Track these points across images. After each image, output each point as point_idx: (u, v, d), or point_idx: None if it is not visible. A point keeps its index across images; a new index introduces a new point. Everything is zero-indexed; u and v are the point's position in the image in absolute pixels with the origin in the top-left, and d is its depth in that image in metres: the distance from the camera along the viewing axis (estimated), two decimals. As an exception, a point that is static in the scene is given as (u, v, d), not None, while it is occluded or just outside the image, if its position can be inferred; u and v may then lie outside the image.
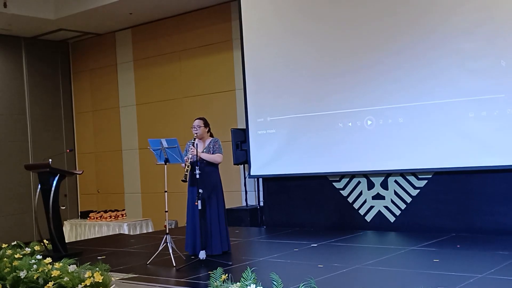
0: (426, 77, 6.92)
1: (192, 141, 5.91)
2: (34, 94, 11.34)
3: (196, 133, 6.01)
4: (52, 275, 5.10)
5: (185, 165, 5.78)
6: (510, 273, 4.49)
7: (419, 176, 7.19)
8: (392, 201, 7.41)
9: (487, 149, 6.52)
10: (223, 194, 6.15)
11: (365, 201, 7.63)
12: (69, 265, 5.21)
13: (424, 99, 6.93)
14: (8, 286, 5.46)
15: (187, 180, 5.79)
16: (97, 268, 4.94)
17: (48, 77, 11.63)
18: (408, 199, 7.29)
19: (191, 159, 5.81)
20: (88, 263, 5.16)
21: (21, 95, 11.18)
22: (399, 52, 7.13)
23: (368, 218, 7.60)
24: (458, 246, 5.95)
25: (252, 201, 9.08)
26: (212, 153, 6.01)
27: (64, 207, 7.13)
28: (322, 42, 7.79)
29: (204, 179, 5.80)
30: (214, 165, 6.07)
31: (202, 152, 5.96)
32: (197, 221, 5.80)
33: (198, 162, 5.69)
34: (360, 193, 7.68)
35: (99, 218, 9.91)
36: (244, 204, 9.01)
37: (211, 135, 6.22)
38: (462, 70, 6.67)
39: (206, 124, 6.14)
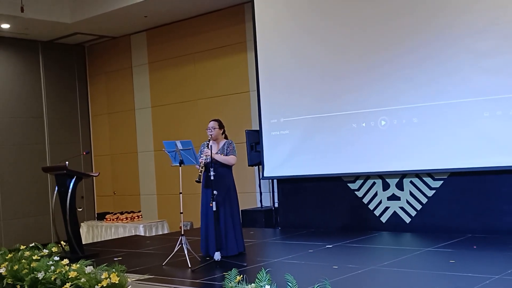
0: (440, 76, 6.88)
1: (207, 142, 5.94)
2: (51, 97, 11.47)
3: (211, 135, 6.03)
4: (69, 276, 5.16)
5: (199, 166, 5.81)
6: (527, 274, 4.45)
7: (435, 177, 7.15)
8: (408, 202, 7.37)
9: (502, 149, 6.46)
10: (237, 196, 6.17)
11: (380, 202, 7.61)
12: (86, 266, 5.26)
13: (439, 99, 6.89)
14: (26, 287, 5.53)
15: (201, 181, 5.81)
16: (114, 269, 4.98)
17: (65, 80, 11.75)
18: (424, 200, 7.25)
19: (205, 160, 5.83)
20: (105, 264, 5.21)
21: (39, 98, 11.32)
22: (413, 51, 7.09)
23: (384, 219, 7.57)
24: (475, 247, 5.90)
25: (267, 202, 9.09)
26: (226, 155, 6.03)
27: (81, 209, 7.20)
28: (336, 43, 7.78)
29: (218, 181, 5.82)
30: (228, 167, 6.09)
31: (216, 153, 5.99)
32: (210, 222, 5.83)
33: (212, 164, 5.72)
34: (375, 194, 7.65)
35: (115, 219, 9.98)
36: (259, 205, 9.02)
37: (226, 137, 6.23)
38: (477, 69, 6.62)
39: (221, 126, 6.16)
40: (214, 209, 5.65)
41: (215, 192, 5.64)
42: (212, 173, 5.62)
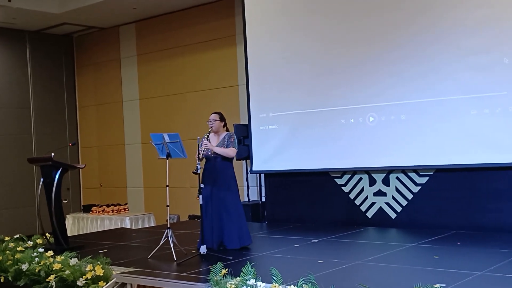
0: (429, 74, 6.91)
1: (207, 134, 5.93)
2: (38, 88, 11.37)
3: (212, 127, 6.02)
4: (53, 268, 5.15)
5: (197, 157, 5.75)
6: (510, 271, 4.49)
7: (421, 173, 7.19)
8: (394, 198, 7.41)
9: (489, 147, 6.52)
10: (238, 190, 6.14)
11: (366, 198, 7.64)
12: (71, 259, 5.24)
13: (427, 96, 6.93)
14: (10, 279, 5.50)
15: (198, 172, 5.73)
16: (98, 262, 4.98)
17: (52, 71, 11.66)
18: (410, 196, 7.29)
19: (204, 152, 5.81)
20: (90, 257, 5.20)
21: (25, 89, 11.21)
22: (402, 48, 7.10)
23: (370, 214, 7.61)
24: (459, 243, 5.95)
25: (254, 197, 9.10)
26: (226, 147, 6.00)
27: (66, 201, 7.14)
28: (326, 38, 7.79)
29: (218, 175, 5.87)
30: (229, 160, 6.05)
31: (216, 146, 5.98)
32: (208, 215, 5.83)
33: (207, 156, 5.72)
34: (362, 190, 7.68)
35: (101, 212, 9.95)
36: (246, 199, 9.03)
37: (227, 130, 6.21)
38: (465, 67, 6.66)
39: (222, 118, 6.13)
40: (201, 202, 5.65)
41: (202, 185, 5.64)
42: (199, 166, 5.61)
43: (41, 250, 5.74)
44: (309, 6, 7.97)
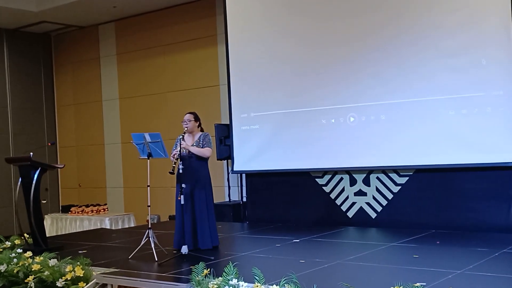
0: (408, 75, 6.98)
1: (182, 135, 5.92)
2: (16, 87, 11.21)
3: (186, 127, 6.01)
4: (32, 269, 5.08)
5: (174, 158, 5.75)
6: (488, 269, 4.56)
7: (401, 173, 7.26)
8: (374, 198, 7.47)
9: (467, 147, 6.60)
10: (212, 190, 6.15)
11: (347, 197, 7.69)
12: (50, 259, 5.18)
13: (406, 97, 7.00)
14: (-13, 280, 5.42)
15: (175, 172, 5.74)
16: (78, 262, 4.93)
17: (30, 70, 11.51)
18: (390, 196, 7.35)
19: (179, 152, 5.79)
20: (69, 257, 5.14)
21: (3, 88, 11.05)
22: (382, 49, 7.16)
23: (350, 214, 7.65)
24: (438, 242, 6.01)
25: (235, 197, 9.09)
26: (202, 148, 6.00)
27: (45, 201, 7.06)
28: (307, 39, 7.82)
29: (194, 174, 5.84)
30: (204, 160, 6.06)
31: (192, 146, 5.97)
32: (186, 216, 5.79)
33: (185, 156, 5.71)
34: (343, 190, 7.73)
35: (80, 212, 9.84)
36: (227, 199, 9.02)
37: (202, 130, 6.21)
38: (444, 68, 6.73)
39: (197, 118, 6.15)
40: (182, 202, 5.63)
41: (183, 185, 5.63)
42: (180, 166, 5.60)
43: (19, 250, 5.66)
44: (290, 6, 7.99)
